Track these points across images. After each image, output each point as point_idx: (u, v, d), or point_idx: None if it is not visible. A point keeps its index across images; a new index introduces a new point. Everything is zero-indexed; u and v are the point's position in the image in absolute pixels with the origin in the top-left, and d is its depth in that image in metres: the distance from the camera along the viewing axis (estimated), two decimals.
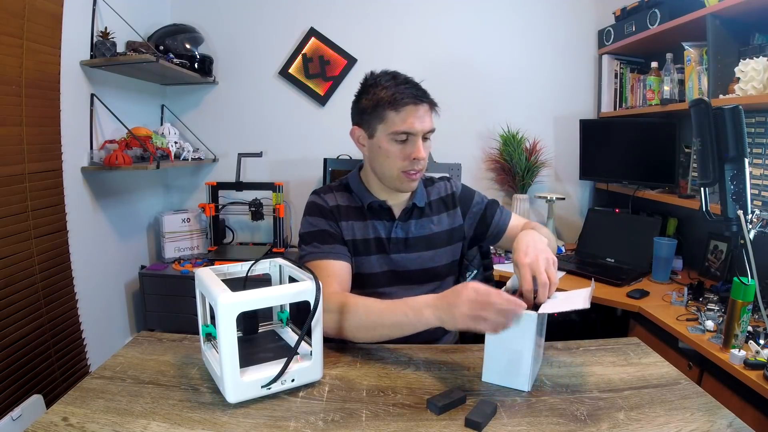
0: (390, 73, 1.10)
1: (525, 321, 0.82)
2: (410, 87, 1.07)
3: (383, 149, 1.08)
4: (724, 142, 1.05)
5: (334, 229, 1.14)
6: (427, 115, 1.07)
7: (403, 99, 1.04)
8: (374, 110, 1.07)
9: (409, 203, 1.18)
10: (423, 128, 1.06)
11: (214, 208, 2.39)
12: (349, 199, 1.19)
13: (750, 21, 1.61)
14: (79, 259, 1.83)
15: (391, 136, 1.06)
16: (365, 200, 1.16)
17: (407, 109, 1.04)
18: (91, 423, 0.72)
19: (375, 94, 1.07)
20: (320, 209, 1.16)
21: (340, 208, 1.17)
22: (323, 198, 1.18)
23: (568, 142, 2.51)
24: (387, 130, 1.06)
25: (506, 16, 2.47)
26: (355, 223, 1.16)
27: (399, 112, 1.05)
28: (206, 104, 2.57)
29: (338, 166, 2.39)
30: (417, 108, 1.05)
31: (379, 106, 1.06)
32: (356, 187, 1.19)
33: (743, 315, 1.20)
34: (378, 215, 1.17)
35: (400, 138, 1.06)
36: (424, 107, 1.07)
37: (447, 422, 0.74)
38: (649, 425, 0.73)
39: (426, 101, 1.07)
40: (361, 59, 2.49)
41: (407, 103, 1.04)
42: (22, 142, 1.55)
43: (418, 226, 1.18)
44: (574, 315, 2.04)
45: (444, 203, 1.23)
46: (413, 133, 1.05)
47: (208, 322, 0.87)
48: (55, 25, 1.66)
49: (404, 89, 1.05)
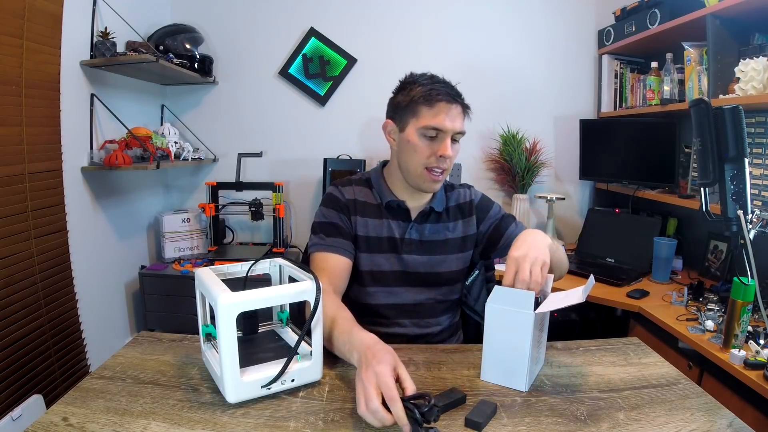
0: (429, 74, 1.12)
1: (523, 321, 0.82)
2: (446, 86, 1.09)
3: (411, 143, 1.09)
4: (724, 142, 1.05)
5: (344, 223, 1.14)
6: (459, 116, 1.08)
7: (438, 95, 1.05)
8: (408, 105, 1.09)
9: (427, 206, 1.18)
10: (453, 127, 1.06)
11: (214, 208, 2.38)
12: (368, 195, 1.19)
13: (750, 21, 1.61)
14: (79, 259, 1.83)
15: (422, 130, 1.07)
16: (384, 198, 1.17)
17: (440, 105, 1.06)
18: (91, 423, 0.72)
19: (411, 90, 1.09)
20: (335, 202, 1.17)
21: (356, 203, 1.17)
22: (341, 191, 1.18)
23: (568, 142, 2.51)
24: (418, 124, 1.07)
25: (506, 16, 2.47)
26: (369, 220, 1.16)
27: (432, 108, 1.06)
28: (206, 104, 2.57)
29: (338, 166, 2.39)
30: (450, 107, 1.06)
31: (413, 102, 1.08)
32: (377, 184, 1.19)
33: (743, 315, 1.20)
34: (395, 215, 1.17)
35: (429, 133, 1.07)
36: (457, 108, 1.08)
37: (447, 422, 0.73)
38: (649, 425, 0.73)
39: (460, 102, 1.08)
40: (361, 59, 2.49)
41: (441, 99, 1.06)
42: (22, 142, 1.54)
43: (433, 230, 1.18)
44: (574, 315, 2.04)
45: (461, 210, 1.23)
46: (443, 129, 1.06)
47: (208, 322, 0.87)
48: (55, 25, 1.66)
49: (440, 87, 1.07)
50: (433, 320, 1.18)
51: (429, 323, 1.18)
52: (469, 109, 1.12)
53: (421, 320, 1.17)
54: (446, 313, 1.21)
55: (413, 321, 1.16)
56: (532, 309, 0.82)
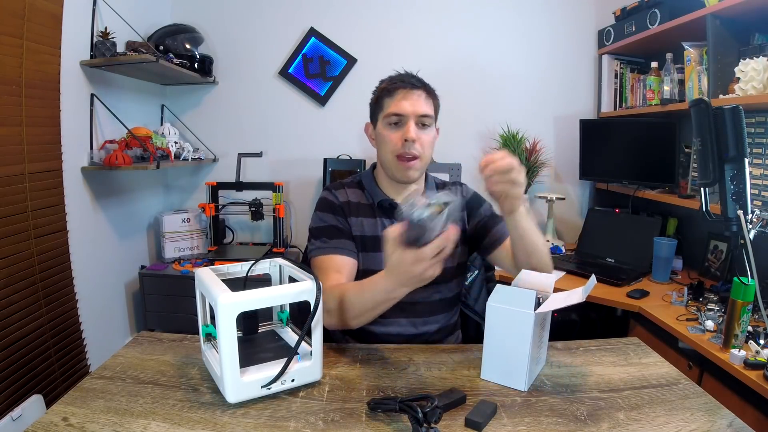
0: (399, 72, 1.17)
1: (524, 320, 0.82)
2: (406, 76, 1.13)
3: (381, 135, 1.13)
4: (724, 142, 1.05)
5: (342, 224, 1.16)
6: (420, 100, 1.11)
7: (395, 84, 1.11)
8: (376, 102, 1.16)
9: None
10: (414, 110, 1.09)
11: (214, 208, 2.39)
12: (361, 195, 1.21)
13: (750, 21, 1.61)
14: (79, 259, 1.83)
15: (386, 120, 1.12)
16: (376, 198, 1.18)
17: (399, 93, 1.11)
18: (91, 423, 0.72)
19: (378, 88, 1.16)
20: (330, 205, 1.18)
21: (350, 204, 1.19)
22: (334, 194, 1.20)
23: (568, 142, 2.51)
24: (383, 115, 1.12)
25: (506, 15, 2.47)
26: (364, 220, 1.17)
27: (392, 97, 1.11)
28: (206, 104, 2.57)
29: (338, 166, 2.39)
30: (409, 92, 1.10)
31: (379, 97, 1.14)
32: (368, 185, 1.21)
33: (743, 315, 1.20)
34: (387, 213, 1.18)
35: (392, 120, 1.11)
36: (418, 93, 1.11)
37: (447, 422, 0.73)
38: (649, 425, 0.73)
39: (421, 88, 1.12)
40: (361, 59, 2.49)
41: (399, 87, 1.11)
42: (22, 142, 1.55)
43: None
44: (574, 315, 2.04)
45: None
46: (403, 113, 1.09)
47: (208, 322, 0.87)
48: (55, 25, 1.66)
49: (399, 77, 1.14)
50: (429, 319, 1.18)
51: (426, 322, 1.18)
52: (432, 90, 1.15)
53: (417, 319, 1.17)
54: (443, 312, 1.21)
55: (410, 320, 1.17)
56: (533, 308, 0.82)
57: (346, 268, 1.09)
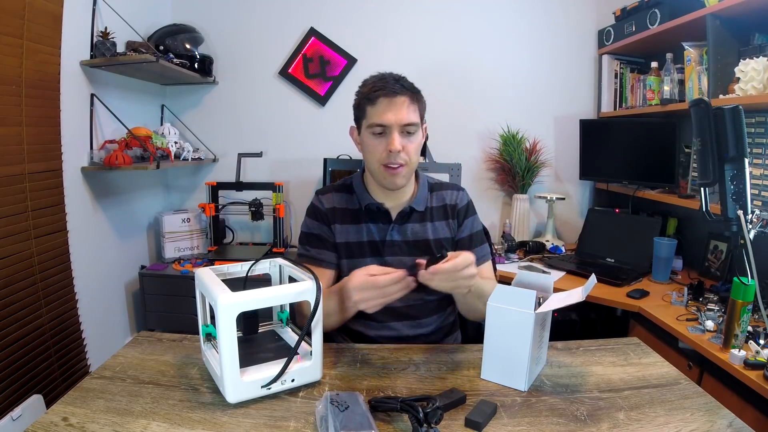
0: (381, 73, 1.10)
1: (524, 320, 0.82)
2: (388, 81, 1.06)
3: (365, 143, 1.11)
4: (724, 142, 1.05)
5: (325, 233, 1.17)
6: (403, 107, 1.05)
7: (376, 92, 1.05)
8: (358, 107, 1.12)
9: (407, 206, 1.17)
10: (398, 120, 1.04)
11: (214, 208, 2.39)
12: (348, 200, 1.19)
13: (750, 21, 1.61)
14: (79, 259, 1.83)
15: (369, 130, 1.08)
16: (363, 201, 1.17)
17: (381, 101, 1.05)
18: (91, 423, 0.72)
19: (359, 92, 1.11)
20: (316, 212, 1.19)
21: (335, 211, 1.18)
22: (320, 200, 1.20)
23: (568, 142, 2.51)
24: (366, 124, 1.09)
25: (506, 16, 2.47)
26: (349, 227, 1.17)
27: (374, 106, 1.06)
28: (206, 104, 2.57)
29: (338, 166, 2.39)
30: (391, 100, 1.04)
31: (360, 104, 1.10)
32: (358, 188, 1.20)
33: (743, 315, 1.20)
34: (374, 217, 1.17)
35: (376, 131, 1.07)
36: (400, 99, 1.05)
37: (447, 422, 0.74)
38: (649, 425, 0.74)
39: (403, 94, 1.05)
40: (361, 59, 2.49)
41: (380, 95, 1.05)
42: (22, 142, 1.54)
43: (415, 231, 1.17)
44: (574, 315, 2.04)
45: (445, 211, 1.21)
46: (386, 125, 1.05)
47: (208, 322, 0.87)
48: (55, 25, 1.66)
49: (381, 83, 1.06)
50: (424, 320, 1.18)
51: (421, 324, 1.17)
52: (417, 93, 1.09)
53: (412, 321, 1.17)
54: (438, 313, 1.20)
55: (404, 323, 1.16)
56: (533, 308, 0.82)
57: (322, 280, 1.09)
